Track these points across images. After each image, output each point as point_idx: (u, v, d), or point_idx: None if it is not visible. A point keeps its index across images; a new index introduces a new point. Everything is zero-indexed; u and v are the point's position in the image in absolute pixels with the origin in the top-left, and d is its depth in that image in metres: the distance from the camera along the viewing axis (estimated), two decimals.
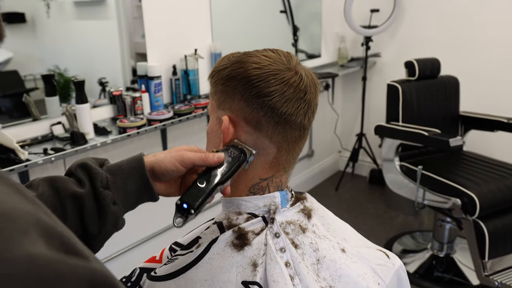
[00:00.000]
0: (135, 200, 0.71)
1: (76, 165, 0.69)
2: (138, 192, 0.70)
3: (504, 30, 2.89)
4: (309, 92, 0.72)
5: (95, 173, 0.67)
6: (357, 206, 3.30)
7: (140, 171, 0.69)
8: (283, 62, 0.72)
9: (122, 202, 0.68)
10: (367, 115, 3.56)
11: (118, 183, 0.68)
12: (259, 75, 0.70)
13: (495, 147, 2.89)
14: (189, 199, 0.66)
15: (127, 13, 2.21)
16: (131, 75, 2.28)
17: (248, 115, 0.71)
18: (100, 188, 0.66)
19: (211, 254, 0.72)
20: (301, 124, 0.73)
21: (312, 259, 0.73)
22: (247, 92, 0.70)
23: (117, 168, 0.70)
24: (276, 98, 0.69)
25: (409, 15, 3.25)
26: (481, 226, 2.12)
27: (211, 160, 0.70)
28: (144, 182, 0.70)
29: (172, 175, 0.71)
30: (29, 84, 1.99)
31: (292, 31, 3.16)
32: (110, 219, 0.67)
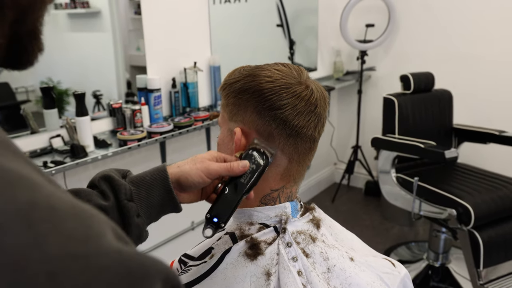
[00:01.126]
0: (158, 212, 0.71)
1: (99, 177, 0.69)
2: (162, 204, 0.70)
3: (495, 46, 2.95)
4: (319, 106, 0.75)
5: (118, 185, 0.67)
6: (353, 217, 3.33)
7: (164, 182, 0.69)
8: (294, 76, 0.74)
9: (145, 214, 0.69)
10: (362, 127, 3.60)
11: (142, 195, 0.69)
12: (271, 88, 0.72)
13: (487, 158, 2.94)
14: (219, 213, 0.68)
15: (122, 26, 2.22)
16: (126, 87, 2.27)
17: (261, 127, 0.73)
18: (124, 201, 0.66)
19: (225, 264, 0.73)
20: (312, 136, 0.76)
21: (323, 268, 0.74)
22: (259, 105, 0.72)
23: (141, 180, 0.70)
24: (288, 111, 0.72)
25: (403, 30, 3.31)
26: (476, 236, 2.15)
27: (237, 170, 0.71)
28: (168, 193, 0.70)
29: (198, 186, 0.73)
30: (21, 97, 1.98)
31: (289, 44, 3.21)
32: (134, 231, 0.67)
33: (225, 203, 0.69)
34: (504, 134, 2.47)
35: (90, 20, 2.19)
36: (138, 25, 2.18)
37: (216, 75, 2.49)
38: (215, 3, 2.52)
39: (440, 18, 3.14)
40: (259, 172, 0.72)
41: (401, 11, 3.26)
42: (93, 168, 2.05)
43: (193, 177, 0.70)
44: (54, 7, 1.96)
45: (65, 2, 2.01)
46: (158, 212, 0.72)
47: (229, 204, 0.69)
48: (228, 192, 0.70)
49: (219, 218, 0.68)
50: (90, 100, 2.16)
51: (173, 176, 0.71)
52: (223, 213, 0.68)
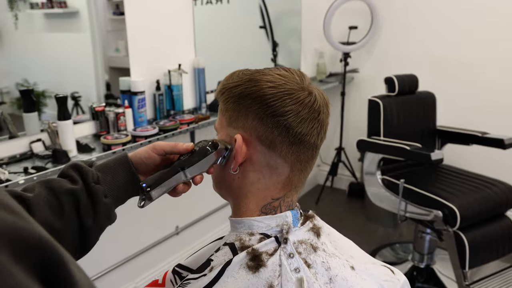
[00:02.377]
0: (124, 194, 0.76)
1: (68, 166, 0.73)
2: (127, 186, 0.76)
3: (476, 48, 3.00)
4: (322, 112, 0.73)
5: (85, 171, 0.72)
6: (337, 219, 3.33)
7: (127, 166, 0.76)
8: (296, 81, 0.72)
9: (112, 195, 0.74)
10: (345, 129, 3.61)
11: (108, 179, 0.74)
12: (274, 94, 0.70)
13: (469, 160, 2.98)
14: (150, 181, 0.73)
15: (100, 26, 2.17)
16: (105, 89, 2.23)
17: (262, 134, 0.71)
18: (92, 183, 0.71)
19: (225, 277, 0.70)
20: (314, 144, 0.74)
21: (325, 278, 0.72)
22: (261, 111, 0.70)
23: (105, 166, 0.75)
24: (292, 118, 0.69)
25: (386, 32, 3.33)
26: (461, 237, 2.17)
27: (180, 148, 0.76)
28: (131, 175, 0.75)
29: (147, 162, 0.77)
30: None
31: (272, 46, 3.20)
32: (103, 211, 0.72)
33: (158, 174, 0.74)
34: (487, 136, 2.50)
35: (68, 21, 2.13)
36: (117, 26, 2.14)
37: (200, 77, 2.46)
38: (197, 4, 2.48)
39: (422, 21, 3.17)
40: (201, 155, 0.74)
41: (383, 13, 3.28)
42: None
43: (141, 153, 0.76)
44: (30, 6, 1.90)
45: (41, 2, 1.95)
46: (124, 194, 0.76)
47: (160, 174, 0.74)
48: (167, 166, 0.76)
49: (147, 183, 0.72)
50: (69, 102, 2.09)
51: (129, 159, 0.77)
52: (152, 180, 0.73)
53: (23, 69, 1.97)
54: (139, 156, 0.76)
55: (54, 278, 0.32)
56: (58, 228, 0.67)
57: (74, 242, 0.70)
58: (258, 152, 0.73)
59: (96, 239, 0.74)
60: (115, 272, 2.23)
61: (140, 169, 0.77)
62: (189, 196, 2.66)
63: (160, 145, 0.76)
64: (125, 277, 2.30)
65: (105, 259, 2.18)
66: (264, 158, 0.73)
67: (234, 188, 0.76)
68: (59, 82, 2.10)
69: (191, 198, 2.59)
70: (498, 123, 2.94)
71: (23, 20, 1.87)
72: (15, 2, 1.82)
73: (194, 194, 2.55)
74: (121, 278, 2.28)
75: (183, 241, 2.62)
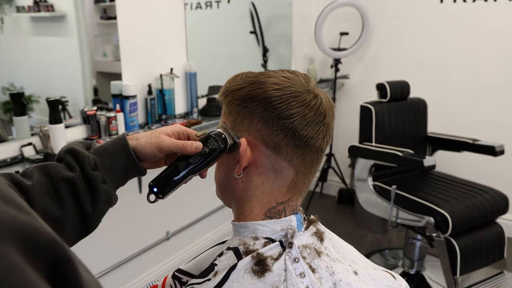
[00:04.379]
0: (123, 177, 0.75)
1: (64, 151, 0.72)
2: (126, 169, 0.74)
3: (466, 55, 3.03)
4: (328, 115, 0.72)
5: (82, 156, 0.70)
6: (327, 225, 3.26)
7: (125, 149, 0.73)
8: (302, 84, 0.71)
9: (111, 180, 0.72)
10: (336, 135, 3.62)
11: (106, 163, 0.72)
12: (280, 96, 0.69)
13: (460, 166, 3.01)
14: (160, 185, 0.72)
15: (88, 31, 2.16)
16: (93, 94, 2.21)
17: (268, 137, 0.70)
18: (89, 170, 0.69)
19: (230, 282, 0.69)
20: (320, 147, 0.73)
21: (329, 283, 0.72)
22: (267, 114, 0.69)
23: (103, 150, 0.73)
24: (297, 120, 0.69)
25: (377, 38, 3.36)
26: (453, 244, 2.18)
27: (188, 150, 0.73)
28: (130, 159, 0.73)
29: (155, 159, 0.75)
30: None
31: (262, 52, 3.19)
32: (102, 197, 0.71)
33: (167, 177, 0.72)
34: (477, 143, 2.52)
35: (55, 24, 2.10)
36: (104, 30, 2.12)
37: (192, 82, 2.44)
38: (186, 9, 2.48)
39: (413, 27, 3.20)
40: (211, 158, 0.73)
41: (374, 19, 3.30)
42: None
43: (146, 151, 0.73)
44: (16, 10, 1.87)
45: (28, 5, 1.92)
46: (123, 177, 0.75)
47: (170, 179, 0.72)
48: (174, 167, 0.73)
49: (158, 189, 0.71)
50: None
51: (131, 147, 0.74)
52: (163, 186, 0.72)
53: (9, 73, 1.93)
54: (145, 154, 0.74)
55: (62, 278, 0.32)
56: (58, 217, 0.67)
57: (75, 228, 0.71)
58: (263, 155, 0.71)
59: (98, 222, 0.74)
60: (106, 277, 2.19)
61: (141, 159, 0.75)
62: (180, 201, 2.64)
63: (167, 146, 0.73)
64: (116, 282, 2.27)
65: (95, 264, 2.15)
66: (269, 162, 0.72)
67: (237, 192, 0.75)
68: (46, 87, 2.07)
69: (182, 203, 2.56)
70: (489, 130, 2.97)
71: (9, 23, 1.84)
72: (1, 5, 1.79)
73: (185, 200, 2.55)
74: (112, 283, 2.24)
75: (174, 246, 2.59)
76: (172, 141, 0.73)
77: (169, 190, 0.72)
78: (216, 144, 0.71)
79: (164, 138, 0.73)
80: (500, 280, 2.42)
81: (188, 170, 0.72)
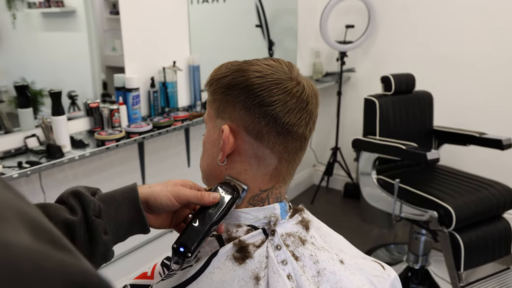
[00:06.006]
0: (126, 231, 0.70)
1: (68, 193, 0.67)
2: (130, 223, 0.69)
3: (474, 48, 2.99)
4: (311, 103, 0.72)
5: (87, 201, 0.65)
6: (332, 219, 3.32)
7: (134, 201, 0.68)
8: (285, 71, 0.71)
9: (113, 232, 0.67)
10: (341, 129, 3.60)
11: (111, 212, 0.67)
12: (261, 84, 0.69)
13: (467, 160, 2.97)
14: (186, 243, 0.67)
15: (97, 26, 2.18)
16: (102, 88, 2.23)
17: (249, 124, 0.70)
18: (92, 217, 0.65)
19: (211, 268, 0.70)
20: (303, 135, 0.72)
21: (313, 271, 0.72)
22: (249, 101, 0.69)
23: (110, 198, 0.68)
24: (279, 107, 0.69)
25: (383, 31, 3.32)
26: (456, 238, 2.15)
27: (207, 200, 0.70)
28: (137, 213, 0.69)
29: (167, 209, 0.71)
30: None
31: (268, 45, 3.18)
32: (100, 249, 0.66)
33: (192, 233, 0.68)
34: (484, 136, 2.49)
35: (65, 20, 2.13)
36: (114, 25, 2.14)
37: (195, 74, 2.44)
38: (193, 2, 2.48)
39: (420, 20, 3.16)
40: (228, 205, 0.70)
41: (381, 12, 3.27)
42: (70, 168, 1.98)
43: (162, 198, 0.69)
44: (27, 6, 1.91)
45: (39, 1, 1.95)
46: (126, 231, 0.70)
47: (196, 234, 0.68)
48: (196, 222, 0.70)
49: (186, 248, 0.67)
50: (65, 100, 2.11)
51: (143, 196, 0.69)
52: (190, 243, 0.67)
53: (21, 68, 1.98)
54: (159, 202, 0.69)
55: None
56: None
57: None
58: (246, 142, 0.71)
59: None
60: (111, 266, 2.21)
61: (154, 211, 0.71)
62: None
63: (184, 195, 0.70)
64: (120, 273, 2.28)
65: None
66: (252, 149, 0.71)
67: (222, 179, 0.75)
68: (56, 81, 2.11)
69: None
70: (496, 124, 2.93)
71: (21, 19, 1.88)
72: (13, 1, 1.82)
73: None
74: (118, 273, 2.26)
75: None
76: (190, 191, 0.70)
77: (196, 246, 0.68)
78: (230, 191, 0.71)
79: (181, 187, 0.71)
80: (506, 276, 2.38)
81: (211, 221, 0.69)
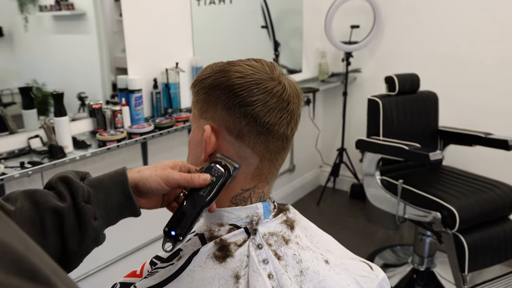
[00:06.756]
0: (116, 215, 0.70)
1: (57, 178, 0.67)
2: (120, 207, 0.69)
3: (480, 47, 2.96)
4: (292, 102, 0.72)
5: (76, 187, 0.65)
6: (338, 220, 3.30)
7: (123, 186, 0.68)
8: (266, 71, 0.72)
9: (103, 217, 0.67)
10: (348, 130, 3.58)
11: (100, 197, 0.67)
12: (241, 84, 0.70)
13: (473, 161, 2.94)
14: (177, 226, 0.67)
15: (107, 28, 2.20)
16: (111, 89, 2.25)
17: (230, 124, 0.71)
18: (82, 203, 0.64)
19: (192, 267, 0.71)
20: (284, 134, 0.73)
21: (295, 271, 0.72)
22: (229, 101, 0.70)
23: (99, 182, 0.68)
24: (259, 107, 0.69)
25: (389, 31, 3.30)
26: (460, 240, 2.13)
27: (197, 182, 0.70)
28: (127, 197, 0.68)
29: (156, 193, 0.71)
30: (6, 99, 1.96)
31: (273, 46, 3.19)
32: (90, 234, 0.65)
33: (183, 216, 0.68)
34: (490, 137, 2.45)
35: (75, 22, 2.16)
36: (123, 27, 2.15)
37: None
38: (200, 4, 2.50)
39: (426, 19, 3.13)
40: (219, 185, 0.70)
41: (386, 12, 3.25)
42: (72, 168, 2.00)
43: (151, 183, 0.69)
44: (39, 9, 1.94)
45: (50, 4, 1.99)
46: (116, 216, 0.70)
47: (187, 218, 0.68)
48: (187, 205, 0.70)
49: (177, 231, 0.67)
50: (75, 102, 2.15)
51: (132, 181, 0.69)
52: (182, 226, 0.67)
53: (33, 70, 2.02)
54: (149, 186, 0.69)
55: None
56: None
57: None
58: (227, 142, 0.72)
59: (79, 262, 0.68)
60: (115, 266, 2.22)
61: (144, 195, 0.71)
62: None
63: (174, 179, 0.69)
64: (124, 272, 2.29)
65: (103, 253, 2.18)
66: (233, 149, 0.72)
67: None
68: (67, 83, 2.14)
69: None
70: (502, 124, 2.89)
71: (33, 22, 1.92)
72: (25, 5, 1.87)
73: None
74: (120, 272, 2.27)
75: None
76: (179, 174, 0.70)
77: (188, 229, 0.67)
78: (220, 171, 0.71)
79: (170, 170, 0.70)
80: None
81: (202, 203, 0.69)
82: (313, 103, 3.51)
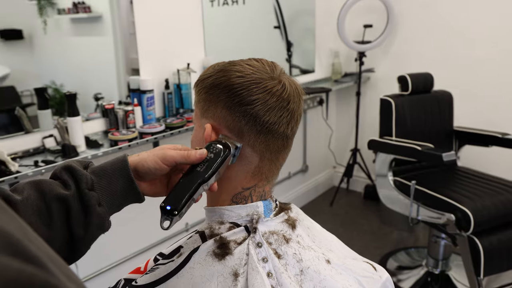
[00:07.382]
0: (120, 201, 0.71)
1: (61, 168, 0.68)
2: (123, 193, 0.70)
3: (496, 46, 2.90)
4: (292, 102, 0.72)
5: (79, 175, 0.67)
6: (351, 222, 3.27)
7: (124, 171, 0.70)
8: (266, 71, 0.72)
9: (107, 203, 0.69)
10: (361, 130, 3.55)
11: (103, 184, 0.69)
12: (241, 83, 0.70)
13: (490, 162, 2.88)
14: (172, 201, 0.67)
15: (123, 30, 2.23)
16: (127, 90, 2.28)
17: (231, 123, 0.71)
18: (85, 190, 0.66)
19: (192, 263, 0.72)
20: (284, 133, 0.73)
21: (296, 270, 0.72)
22: (229, 100, 0.71)
23: (102, 170, 0.70)
24: (259, 106, 0.70)
25: (402, 30, 3.27)
26: (476, 242, 2.08)
27: (193, 157, 0.70)
28: (129, 182, 0.70)
29: (156, 173, 0.72)
30: (26, 100, 2.01)
31: (286, 46, 3.18)
32: (95, 220, 0.67)
33: (179, 191, 0.68)
34: (507, 137, 2.40)
35: (92, 25, 2.21)
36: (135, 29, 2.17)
37: None
38: (213, 5, 2.51)
39: (440, 18, 3.09)
40: (218, 162, 0.70)
41: (399, 11, 3.21)
42: None
43: (149, 163, 0.70)
44: (57, 12, 2.00)
45: (67, 7, 2.04)
46: (120, 202, 0.71)
47: (183, 192, 0.68)
48: (184, 180, 0.70)
49: (172, 205, 0.66)
50: (92, 102, 2.19)
51: (132, 164, 0.71)
52: (176, 200, 0.67)
53: (52, 71, 2.08)
54: (147, 166, 0.70)
55: None
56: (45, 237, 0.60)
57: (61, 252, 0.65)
58: None
59: (87, 249, 0.70)
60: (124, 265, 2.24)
61: (145, 178, 0.72)
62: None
63: (171, 156, 0.70)
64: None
65: (113, 253, 2.20)
66: None
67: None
68: (84, 84, 2.19)
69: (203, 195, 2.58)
70: None
71: (51, 25, 1.97)
72: (44, 8, 1.92)
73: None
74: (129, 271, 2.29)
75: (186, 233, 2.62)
76: (176, 151, 0.71)
77: (183, 206, 0.67)
78: (219, 148, 0.70)
79: (167, 150, 0.71)
80: None
81: (198, 179, 0.69)
82: (326, 103, 3.49)
